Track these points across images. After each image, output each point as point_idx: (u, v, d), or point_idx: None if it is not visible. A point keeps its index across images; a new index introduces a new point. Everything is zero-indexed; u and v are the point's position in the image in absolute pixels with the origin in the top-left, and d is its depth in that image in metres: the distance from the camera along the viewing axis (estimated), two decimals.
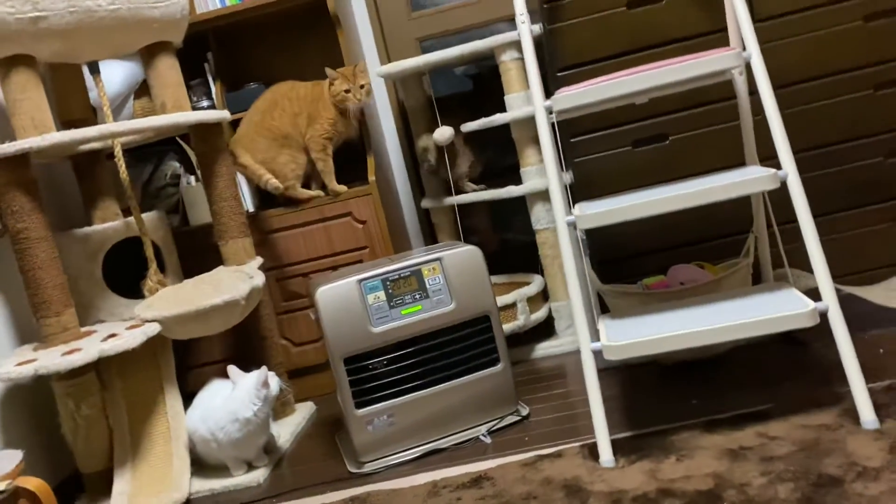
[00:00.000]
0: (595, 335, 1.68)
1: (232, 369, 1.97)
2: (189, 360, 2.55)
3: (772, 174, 1.59)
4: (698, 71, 1.66)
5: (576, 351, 2.40)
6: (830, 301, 1.52)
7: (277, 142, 2.46)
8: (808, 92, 2.15)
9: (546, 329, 2.57)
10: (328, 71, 2.41)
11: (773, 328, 1.50)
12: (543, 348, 2.44)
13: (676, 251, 2.25)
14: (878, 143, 2.16)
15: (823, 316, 1.52)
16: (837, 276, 1.68)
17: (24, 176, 1.91)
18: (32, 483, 1.47)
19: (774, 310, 1.54)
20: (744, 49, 1.67)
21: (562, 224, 1.69)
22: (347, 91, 2.38)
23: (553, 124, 1.74)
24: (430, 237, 2.95)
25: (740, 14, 1.71)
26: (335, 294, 1.85)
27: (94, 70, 2.11)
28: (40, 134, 1.90)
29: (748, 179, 1.60)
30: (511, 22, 2.87)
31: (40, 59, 1.99)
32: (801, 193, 1.58)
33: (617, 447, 1.59)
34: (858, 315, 1.99)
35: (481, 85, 2.78)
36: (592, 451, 1.62)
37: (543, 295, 2.51)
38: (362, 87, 2.40)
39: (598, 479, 1.48)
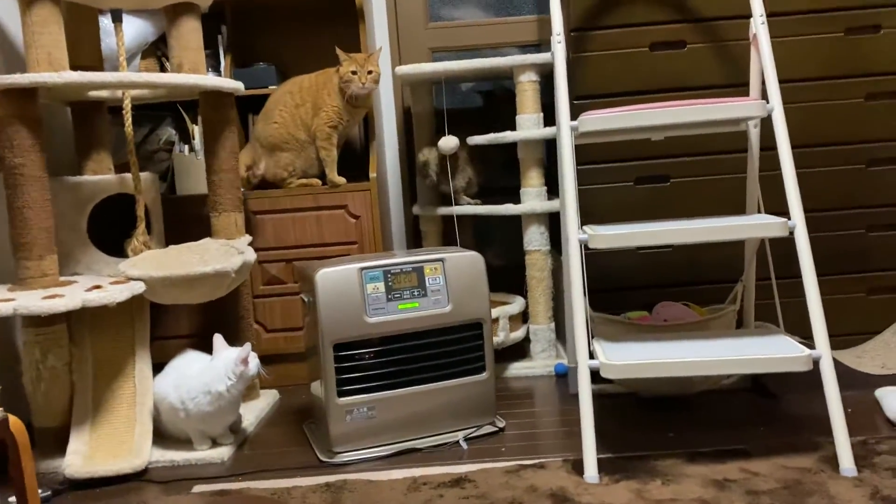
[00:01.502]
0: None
1: (217, 339, 1.93)
2: (154, 330, 2.47)
3: (782, 222, 1.65)
4: (723, 114, 1.73)
5: (547, 375, 2.42)
6: (824, 350, 1.58)
7: (267, 149, 2.46)
8: (804, 158, 2.25)
9: (519, 350, 2.59)
10: (339, 52, 2.39)
11: (769, 368, 1.55)
12: (517, 368, 2.45)
13: (660, 290, 2.31)
14: (863, 215, 2.27)
15: (815, 364, 1.57)
16: (810, 337, 1.75)
17: (30, 111, 1.85)
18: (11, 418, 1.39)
19: (770, 351, 1.58)
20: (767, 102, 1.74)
21: (573, 241, 1.72)
22: (354, 73, 2.37)
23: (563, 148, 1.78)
24: (415, 244, 2.95)
25: (767, 68, 1.79)
26: (335, 278, 1.83)
27: (117, 19, 2.07)
28: (55, 71, 1.85)
29: (759, 223, 1.66)
30: (523, 48, 2.93)
31: None
32: (806, 243, 1.65)
33: (600, 466, 1.60)
34: None
35: (489, 103, 2.82)
36: (576, 466, 1.63)
37: (522, 316, 2.53)
38: (370, 72, 2.39)
39: (585, 492, 1.49)
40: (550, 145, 2.46)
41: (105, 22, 2.33)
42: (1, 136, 1.84)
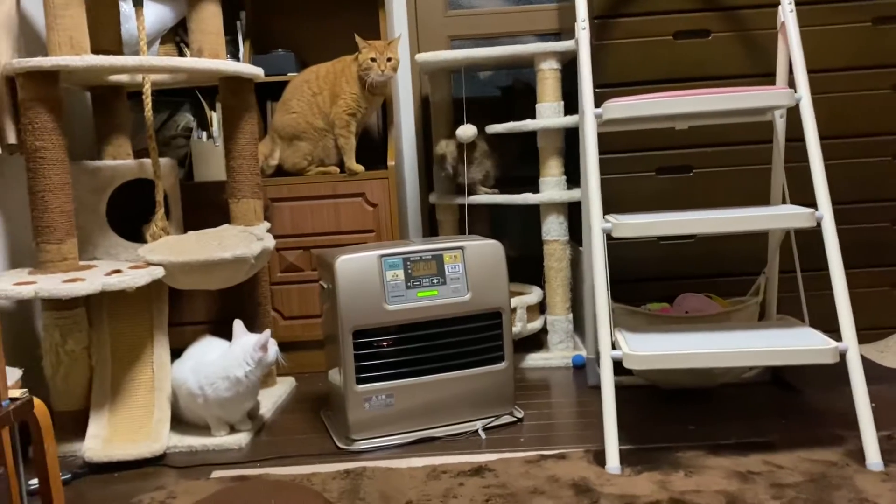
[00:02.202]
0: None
1: (237, 324, 1.92)
2: (172, 316, 2.47)
3: (809, 213, 1.63)
4: (751, 103, 1.70)
5: (565, 366, 2.41)
6: (851, 342, 1.55)
7: (286, 139, 2.45)
8: (828, 149, 2.21)
9: (536, 341, 2.58)
10: (358, 40, 2.38)
11: (796, 360, 1.53)
12: (533, 359, 2.44)
13: (680, 282, 2.28)
14: (888, 208, 2.24)
15: (842, 357, 1.55)
16: (832, 331, 1.73)
17: (52, 94, 1.84)
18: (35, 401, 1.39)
19: (796, 343, 1.56)
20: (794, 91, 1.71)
21: (597, 230, 1.70)
22: (373, 60, 2.35)
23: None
24: (431, 233, 2.93)
25: (795, 57, 1.76)
26: (355, 265, 1.82)
27: (138, 3, 2.06)
28: (77, 54, 1.84)
29: (787, 214, 1.63)
30: (542, 37, 2.90)
31: None
32: (833, 234, 1.62)
33: (621, 457, 1.59)
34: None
35: (507, 94, 2.80)
36: (597, 457, 1.62)
37: (539, 307, 2.51)
38: (389, 60, 2.37)
39: (608, 483, 1.47)
40: (569, 135, 2.43)
41: (125, 7, 2.32)
42: (22, 118, 1.84)
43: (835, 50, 2.18)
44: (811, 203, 1.67)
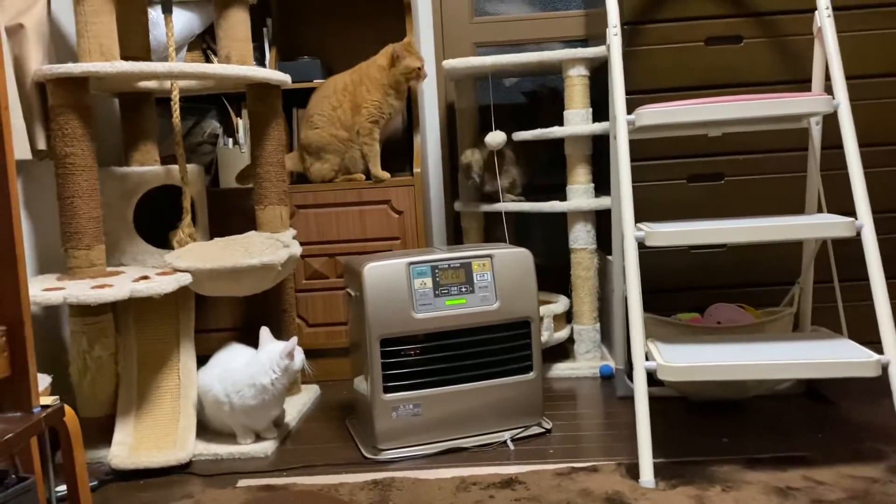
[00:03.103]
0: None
1: (264, 332, 1.91)
2: (197, 323, 2.47)
3: (849, 222, 1.59)
4: (788, 110, 1.67)
5: (592, 376, 2.37)
6: (893, 355, 1.51)
7: (314, 154, 2.45)
8: (865, 157, 2.17)
9: (562, 351, 2.55)
10: (396, 47, 2.37)
11: (836, 372, 1.49)
12: (560, 369, 2.41)
13: (711, 291, 2.24)
14: None
15: (884, 370, 1.51)
16: (867, 343, 1.68)
17: (82, 100, 1.85)
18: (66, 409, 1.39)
19: (837, 355, 1.52)
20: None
21: (630, 238, 1.67)
22: (419, 68, 2.38)
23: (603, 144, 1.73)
24: (456, 240, 2.91)
25: (833, 63, 1.73)
26: (383, 273, 1.80)
27: (167, 9, 2.06)
28: (107, 61, 1.85)
29: (826, 223, 1.60)
30: (568, 43, 2.88)
31: None
32: (874, 244, 1.59)
33: (655, 471, 1.55)
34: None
35: (532, 101, 2.78)
36: (630, 470, 1.58)
37: (566, 316, 2.48)
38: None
39: (643, 497, 1.44)
40: (597, 142, 2.41)
41: (153, 14, 2.33)
42: (52, 125, 1.84)
43: (871, 55, 2.14)
44: (844, 212, 1.63)
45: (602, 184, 2.38)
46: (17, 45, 1.90)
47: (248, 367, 1.87)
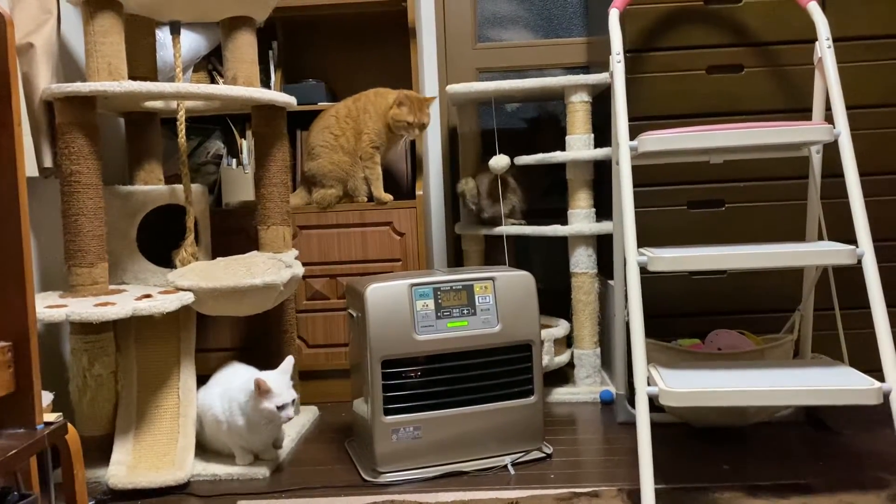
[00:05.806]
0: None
1: (288, 360, 1.89)
2: (197, 342, 2.46)
3: (850, 250, 1.60)
4: (790, 138, 1.68)
5: (592, 401, 2.37)
6: (894, 383, 1.51)
7: (319, 182, 2.48)
8: (864, 186, 2.19)
9: (562, 376, 2.54)
10: (400, 95, 2.39)
11: (838, 400, 1.49)
12: (560, 394, 2.40)
13: (711, 317, 2.25)
14: None
15: (885, 398, 1.51)
16: (867, 371, 1.69)
17: (89, 119, 1.86)
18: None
19: (838, 382, 1.53)
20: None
21: (633, 263, 1.68)
22: (409, 124, 2.39)
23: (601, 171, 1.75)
24: (456, 263, 2.92)
25: (834, 92, 1.75)
26: (385, 294, 1.80)
27: (175, 31, 2.08)
28: (115, 80, 1.86)
29: (827, 251, 1.61)
30: (570, 70, 2.91)
31: (126, 8, 1.96)
32: (875, 272, 1.59)
33: (656, 497, 1.55)
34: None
35: (533, 126, 2.80)
36: (632, 496, 1.58)
37: (566, 340, 2.49)
38: (423, 125, 2.42)
39: None
40: (598, 167, 2.43)
41: (160, 35, 2.36)
42: (59, 143, 1.85)
43: (870, 86, 2.17)
44: (845, 240, 1.64)
45: (603, 209, 2.40)
46: (27, 64, 1.92)
47: (249, 388, 1.86)
